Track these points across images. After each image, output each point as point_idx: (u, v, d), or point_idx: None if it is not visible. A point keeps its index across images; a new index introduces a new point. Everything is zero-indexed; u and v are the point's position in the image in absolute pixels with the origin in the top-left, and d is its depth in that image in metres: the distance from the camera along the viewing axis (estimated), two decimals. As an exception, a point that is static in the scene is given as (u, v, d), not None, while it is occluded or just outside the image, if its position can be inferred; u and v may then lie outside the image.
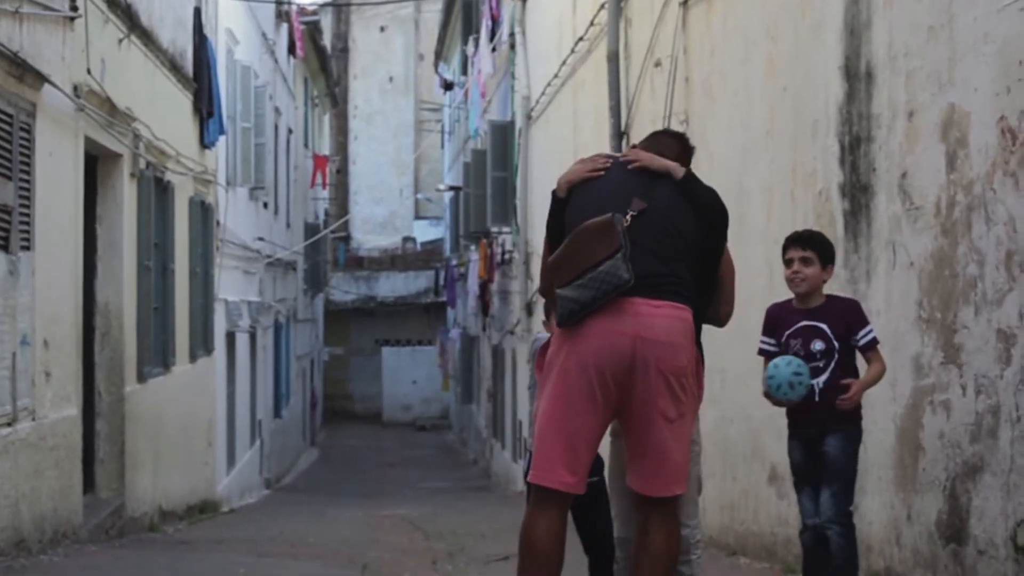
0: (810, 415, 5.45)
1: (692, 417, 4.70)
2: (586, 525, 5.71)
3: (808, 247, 5.54)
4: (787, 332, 5.49)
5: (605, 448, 5.53)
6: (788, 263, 5.56)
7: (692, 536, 4.86)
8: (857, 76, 6.73)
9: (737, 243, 8.48)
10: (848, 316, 5.48)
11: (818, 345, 5.42)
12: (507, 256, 21.25)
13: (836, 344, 5.42)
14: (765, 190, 8.14)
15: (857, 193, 6.74)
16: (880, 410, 6.41)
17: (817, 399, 5.40)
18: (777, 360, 5.40)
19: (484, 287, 23.78)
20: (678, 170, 4.80)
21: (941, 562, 5.75)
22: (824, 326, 5.44)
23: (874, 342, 5.48)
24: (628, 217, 4.59)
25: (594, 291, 4.47)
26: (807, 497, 5.47)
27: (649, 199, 4.68)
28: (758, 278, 7.82)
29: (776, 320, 5.57)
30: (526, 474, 5.00)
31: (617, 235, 4.51)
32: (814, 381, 5.37)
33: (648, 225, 4.62)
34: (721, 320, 4.99)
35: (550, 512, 4.58)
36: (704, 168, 9.33)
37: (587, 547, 5.81)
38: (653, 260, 4.58)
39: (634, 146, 5.12)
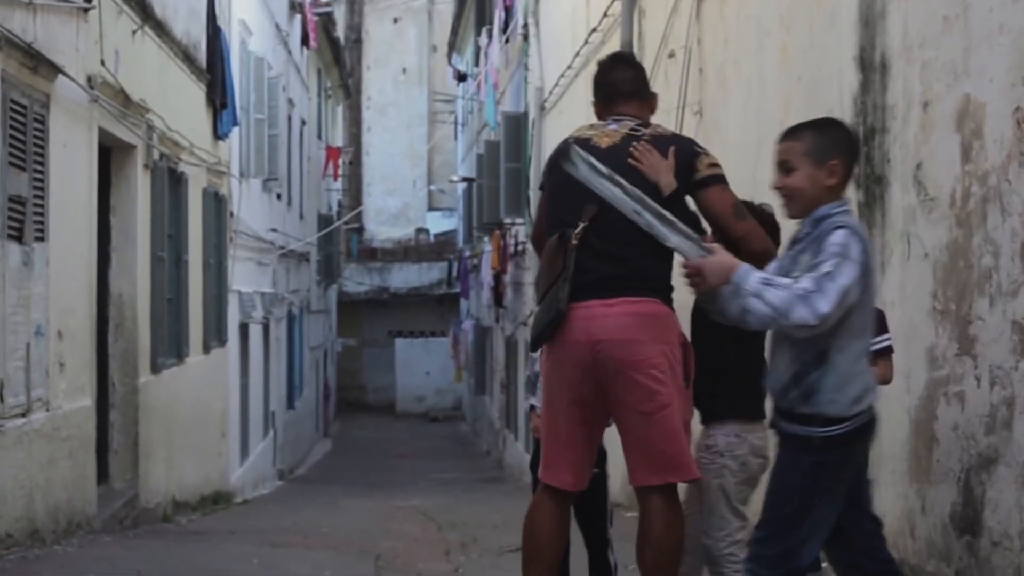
0: None
1: (681, 404, 4.62)
2: (584, 519, 5.71)
3: None
4: None
5: (607, 442, 5.63)
6: None
7: (717, 549, 4.79)
8: (872, 66, 6.71)
9: (751, 234, 8.49)
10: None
11: None
12: (520, 247, 21.24)
13: None
14: (779, 181, 8.12)
15: (871, 184, 6.73)
16: (894, 402, 6.39)
17: None
18: None
19: (497, 278, 23.79)
20: (668, 187, 4.66)
21: (955, 554, 5.74)
22: None
23: (888, 350, 5.68)
24: (580, 229, 4.57)
25: (546, 315, 4.58)
26: None
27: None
28: (772, 269, 7.79)
29: None
30: (531, 466, 5.34)
31: (563, 256, 4.56)
32: None
33: (602, 228, 4.55)
34: (757, 259, 4.34)
35: (548, 505, 4.76)
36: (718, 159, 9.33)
37: (587, 541, 5.80)
38: (607, 263, 4.53)
39: (642, 137, 4.95)
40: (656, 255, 4.56)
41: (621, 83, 5.03)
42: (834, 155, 3.94)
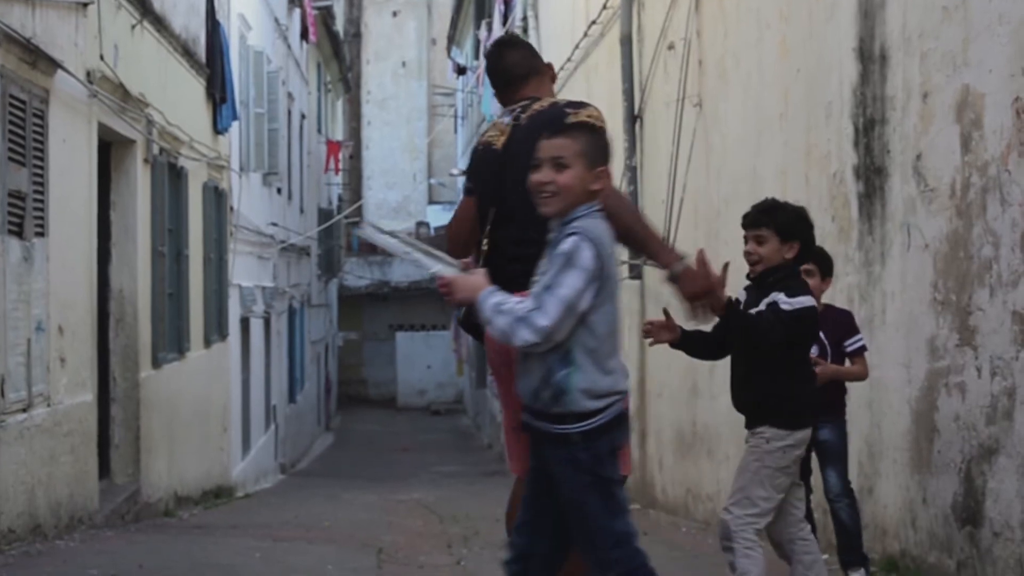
0: None
1: None
2: None
3: (811, 261, 5.90)
4: None
5: None
6: None
7: (736, 524, 4.85)
8: (871, 57, 6.71)
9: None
10: (842, 325, 5.97)
11: (813, 351, 5.77)
12: (521, 240, 21.22)
13: (830, 350, 5.90)
14: (779, 173, 8.12)
15: (871, 175, 6.73)
16: (895, 393, 6.40)
17: None
18: None
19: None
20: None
21: (957, 544, 5.75)
22: (820, 333, 5.78)
23: (862, 350, 5.97)
24: (487, 232, 4.64)
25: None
26: None
27: (502, 191, 4.62)
28: (772, 261, 7.79)
29: None
30: None
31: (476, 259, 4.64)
32: None
33: (500, 223, 4.51)
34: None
35: (514, 495, 4.78)
36: (718, 151, 9.33)
37: None
38: (510, 262, 4.48)
39: (520, 122, 4.73)
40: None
41: (513, 67, 4.94)
42: (603, 161, 3.96)
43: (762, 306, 4.83)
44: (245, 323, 18.20)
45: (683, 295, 4.41)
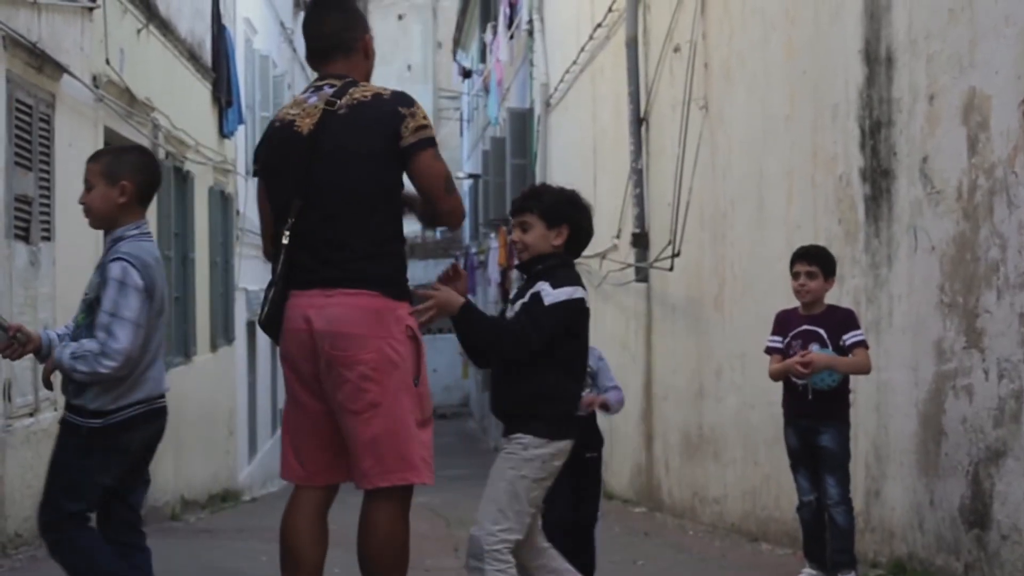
0: (802, 409, 6.00)
1: (406, 403, 4.29)
2: (576, 500, 5.76)
3: (814, 262, 6.06)
4: (791, 334, 6.02)
5: (602, 422, 5.77)
6: (795, 276, 6.06)
7: (488, 542, 4.36)
8: (877, 60, 6.70)
9: (757, 228, 8.48)
10: (843, 323, 5.98)
11: (814, 348, 5.91)
12: (527, 243, 21.22)
13: (831, 348, 5.90)
14: (785, 175, 8.11)
15: (878, 177, 6.72)
16: (902, 395, 6.39)
17: (810, 397, 5.94)
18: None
19: (504, 275, 23.77)
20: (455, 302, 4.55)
21: (964, 547, 5.73)
22: (822, 331, 5.93)
23: (861, 343, 5.95)
24: (289, 225, 4.27)
25: (262, 315, 4.46)
26: (802, 477, 6.08)
27: (310, 183, 4.25)
28: (778, 263, 7.79)
29: (782, 323, 6.12)
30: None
31: (276, 254, 4.35)
32: (807, 382, 5.93)
33: (310, 219, 4.25)
34: (440, 219, 4.51)
35: (297, 504, 4.76)
36: (724, 153, 9.33)
37: (574, 522, 5.78)
38: (320, 261, 4.25)
39: (338, 109, 4.30)
40: (367, 258, 4.27)
41: (317, 38, 4.44)
42: (126, 176, 4.45)
43: (527, 298, 4.43)
44: (251, 327, 18.18)
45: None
